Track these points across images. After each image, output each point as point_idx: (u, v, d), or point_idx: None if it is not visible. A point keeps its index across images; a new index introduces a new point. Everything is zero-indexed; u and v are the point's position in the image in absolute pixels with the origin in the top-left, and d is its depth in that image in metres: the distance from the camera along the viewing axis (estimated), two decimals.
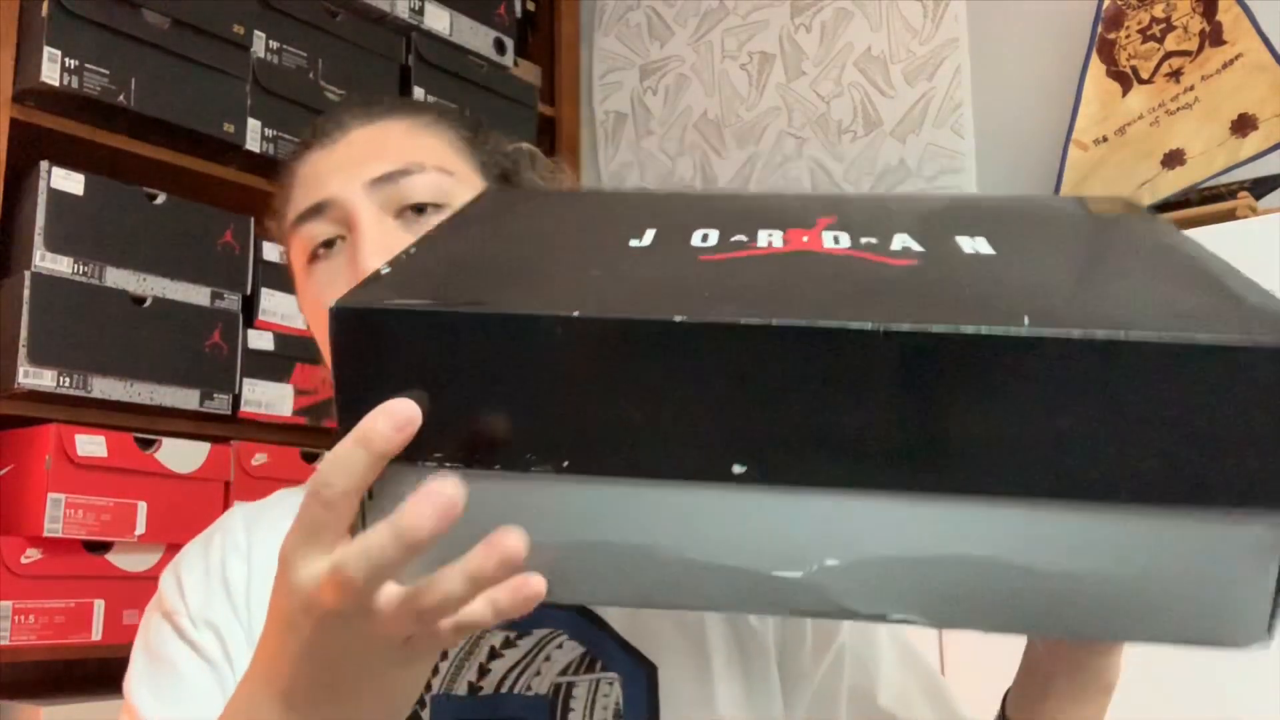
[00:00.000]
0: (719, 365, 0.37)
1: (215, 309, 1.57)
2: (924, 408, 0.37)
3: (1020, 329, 0.36)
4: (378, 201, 0.70)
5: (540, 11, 2.24)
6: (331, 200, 0.71)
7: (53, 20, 1.42)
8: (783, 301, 0.39)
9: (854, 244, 0.46)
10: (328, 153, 0.74)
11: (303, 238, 0.72)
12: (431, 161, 0.73)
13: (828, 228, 0.48)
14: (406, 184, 0.71)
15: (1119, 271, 0.45)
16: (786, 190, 0.52)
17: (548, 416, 0.39)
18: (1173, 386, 0.36)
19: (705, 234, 0.48)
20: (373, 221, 0.70)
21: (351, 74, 1.76)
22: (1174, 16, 1.42)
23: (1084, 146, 1.47)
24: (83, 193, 1.45)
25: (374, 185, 0.71)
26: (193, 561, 0.75)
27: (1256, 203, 1.30)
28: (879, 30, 1.85)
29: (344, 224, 0.71)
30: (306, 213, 0.72)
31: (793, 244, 0.46)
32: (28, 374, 1.36)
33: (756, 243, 0.46)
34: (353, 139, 0.74)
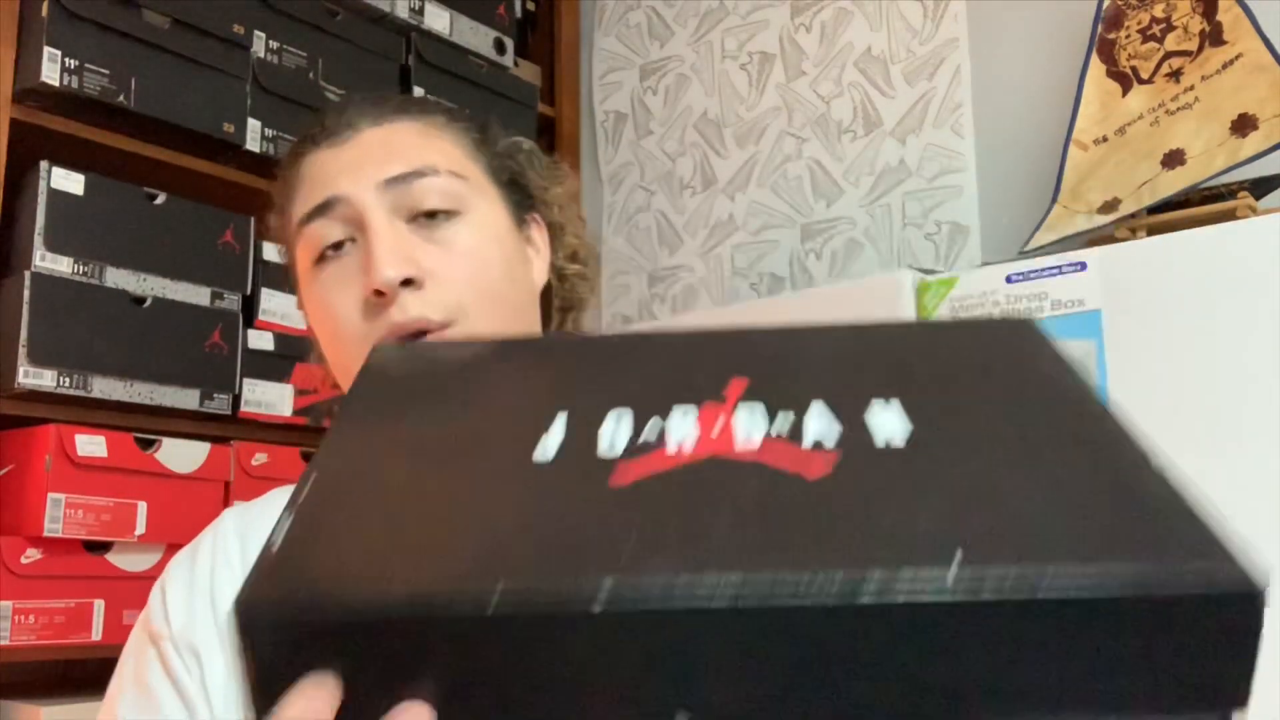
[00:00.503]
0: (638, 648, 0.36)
1: (215, 309, 1.57)
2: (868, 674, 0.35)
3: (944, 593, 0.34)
4: (389, 203, 0.69)
5: (540, 11, 2.24)
6: (342, 199, 0.70)
7: (53, 20, 1.42)
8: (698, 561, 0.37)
9: (768, 429, 0.43)
10: (337, 152, 0.72)
11: (310, 237, 0.71)
12: (445, 165, 0.71)
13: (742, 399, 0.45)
14: (420, 186, 0.70)
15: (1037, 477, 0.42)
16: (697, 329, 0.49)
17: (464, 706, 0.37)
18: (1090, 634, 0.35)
19: (616, 424, 0.44)
20: (385, 224, 0.68)
21: (351, 74, 1.76)
22: (1174, 16, 1.42)
23: (1084, 146, 1.47)
24: (83, 193, 1.45)
25: (387, 186, 0.69)
26: (178, 575, 0.74)
27: (1256, 203, 1.30)
28: (879, 30, 1.85)
29: (354, 225, 0.69)
30: (314, 211, 0.70)
31: (703, 443, 0.43)
32: (28, 374, 1.36)
33: (667, 443, 0.43)
34: (364, 139, 0.72)
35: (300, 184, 0.73)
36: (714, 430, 0.44)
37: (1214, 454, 1.11)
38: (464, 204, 0.71)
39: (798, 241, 1.88)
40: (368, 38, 1.80)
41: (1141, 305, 1.17)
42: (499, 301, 0.70)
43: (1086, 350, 1.20)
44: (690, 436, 0.43)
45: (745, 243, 1.94)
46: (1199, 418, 1.12)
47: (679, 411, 0.45)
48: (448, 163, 0.72)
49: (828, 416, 0.44)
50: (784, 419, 0.44)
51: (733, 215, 1.97)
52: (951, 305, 1.30)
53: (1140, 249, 1.25)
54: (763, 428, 0.43)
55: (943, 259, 1.72)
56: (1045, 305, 1.23)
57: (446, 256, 0.69)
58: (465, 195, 0.71)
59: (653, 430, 0.44)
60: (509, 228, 0.75)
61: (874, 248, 1.80)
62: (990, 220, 1.69)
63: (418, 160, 0.71)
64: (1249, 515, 1.13)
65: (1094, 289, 1.20)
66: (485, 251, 0.71)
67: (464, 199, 0.71)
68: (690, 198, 2.02)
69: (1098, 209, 1.42)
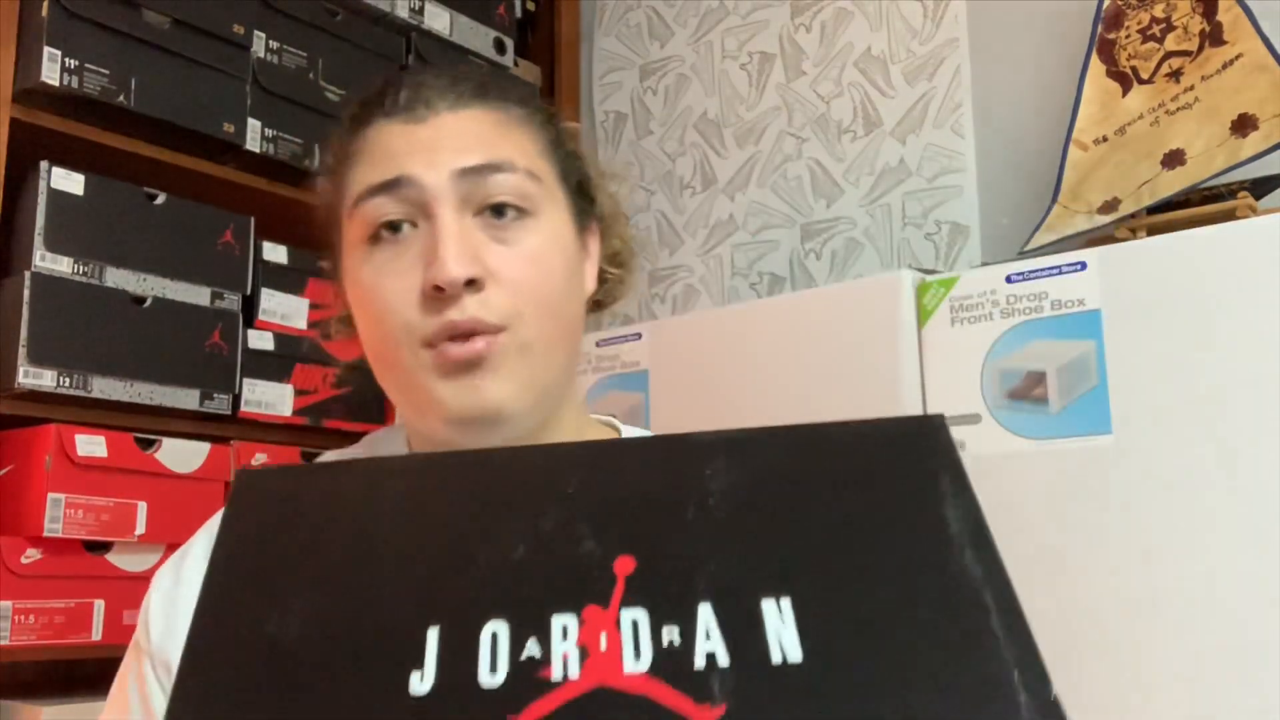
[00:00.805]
0: None
1: (215, 309, 1.57)
2: None
3: None
4: (461, 194, 0.66)
5: (540, 11, 2.24)
6: (412, 181, 0.66)
7: (53, 20, 1.42)
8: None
9: (655, 652, 0.42)
10: (410, 129, 0.69)
11: (368, 212, 0.67)
12: (522, 163, 0.69)
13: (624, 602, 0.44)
14: (495, 181, 0.67)
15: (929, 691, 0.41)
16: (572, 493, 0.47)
17: None
18: None
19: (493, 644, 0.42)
20: (454, 217, 0.66)
21: (351, 74, 1.76)
22: (1174, 16, 1.42)
23: (1084, 146, 1.47)
24: (83, 193, 1.45)
25: (461, 176, 0.66)
26: (161, 585, 0.73)
27: (1256, 203, 1.30)
28: (879, 30, 1.85)
29: (419, 210, 0.66)
30: (380, 187, 0.67)
31: (590, 666, 0.41)
32: (28, 374, 1.36)
33: (552, 665, 0.42)
34: (442, 121, 0.69)
35: (365, 154, 0.70)
36: (600, 645, 0.42)
37: (1214, 454, 1.11)
38: (535, 205, 0.69)
39: (798, 241, 1.88)
40: (368, 38, 1.80)
41: (1141, 305, 1.17)
42: (554, 313, 0.68)
43: (1086, 350, 1.20)
44: (574, 657, 0.42)
45: (745, 243, 1.94)
46: (1199, 417, 1.12)
47: (558, 623, 0.43)
48: (525, 160, 0.69)
49: (715, 631, 0.42)
50: (669, 636, 0.42)
51: (733, 215, 1.97)
52: (951, 305, 1.30)
53: (1140, 249, 1.25)
54: (648, 648, 0.42)
55: (943, 259, 1.72)
56: (1045, 305, 1.23)
57: (511, 259, 0.67)
58: (537, 197, 0.69)
59: (530, 655, 0.42)
60: (572, 236, 0.72)
61: (874, 248, 1.80)
62: (990, 220, 1.69)
63: (495, 153, 0.68)
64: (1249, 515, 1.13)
65: (1094, 289, 1.20)
66: (549, 259, 0.69)
67: (535, 200, 0.69)
68: (690, 198, 2.02)
69: (1098, 209, 1.42)
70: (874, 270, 1.78)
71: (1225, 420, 1.11)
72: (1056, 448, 1.20)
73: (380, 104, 0.70)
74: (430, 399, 0.66)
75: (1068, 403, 1.20)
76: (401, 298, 0.66)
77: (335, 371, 1.69)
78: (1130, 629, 1.13)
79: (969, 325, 1.28)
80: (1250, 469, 1.08)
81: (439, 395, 0.65)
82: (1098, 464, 1.17)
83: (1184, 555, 1.11)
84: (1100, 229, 1.41)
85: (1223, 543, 1.09)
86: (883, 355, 1.34)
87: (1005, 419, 1.24)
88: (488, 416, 0.65)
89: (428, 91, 0.70)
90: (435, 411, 0.66)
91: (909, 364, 1.32)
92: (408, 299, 0.66)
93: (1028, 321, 1.24)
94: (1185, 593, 1.10)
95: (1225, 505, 1.09)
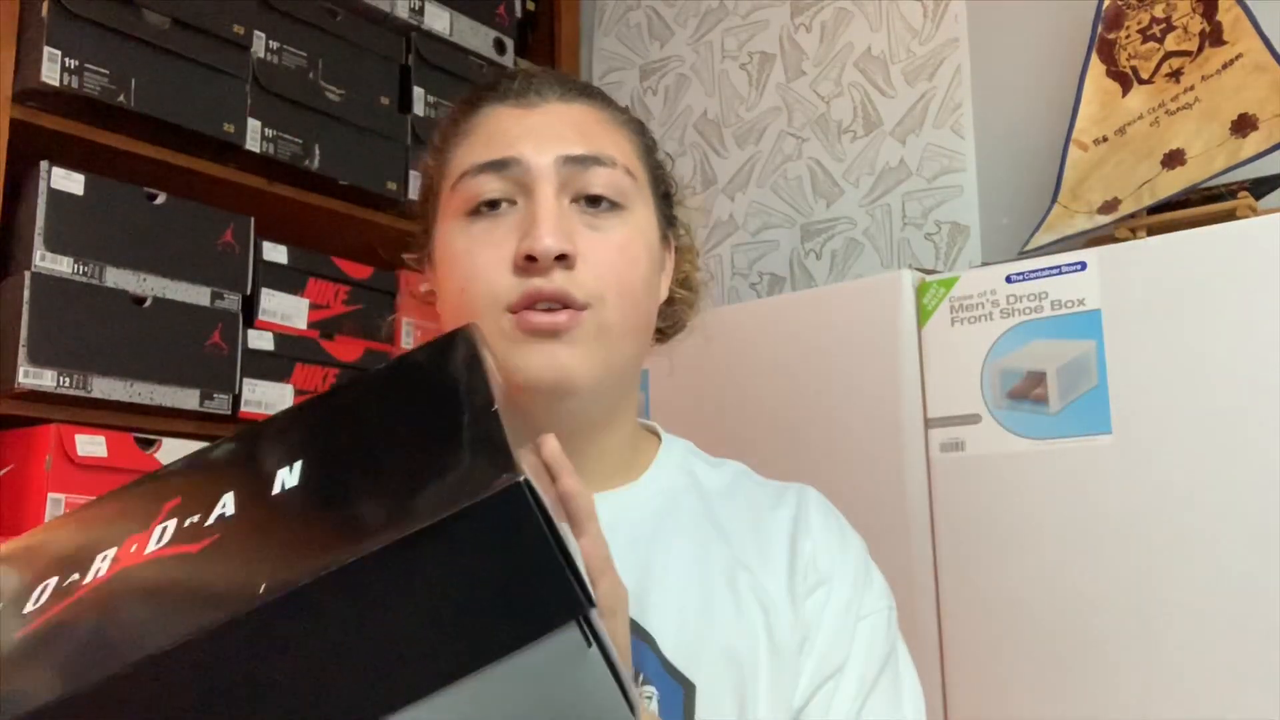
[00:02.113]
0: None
1: (215, 309, 1.57)
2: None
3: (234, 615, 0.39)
4: (562, 179, 0.71)
5: (540, 11, 2.24)
6: (520, 162, 0.71)
7: (53, 20, 1.42)
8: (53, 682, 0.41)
9: (178, 530, 0.48)
10: (521, 114, 0.74)
11: (471, 188, 0.72)
12: (621, 159, 0.73)
13: (165, 517, 0.50)
14: (594, 172, 0.71)
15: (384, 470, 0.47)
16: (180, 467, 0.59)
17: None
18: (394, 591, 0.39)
19: (45, 586, 0.49)
20: (553, 199, 0.70)
21: (351, 74, 1.76)
22: (1174, 16, 1.42)
23: (1084, 146, 1.47)
24: (83, 193, 1.45)
25: (566, 163, 0.71)
26: None
27: (1256, 203, 1.30)
28: (879, 30, 1.85)
29: (521, 189, 0.71)
30: (488, 165, 0.71)
31: (120, 562, 0.47)
32: (28, 374, 1.36)
33: (84, 579, 0.47)
34: (551, 109, 0.74)
35: (476, 132, 0.74)
36: (132, 546, 0.48)
37: (1214, 453, 1.11)
38: (628, 200, 0.73)
39: (798, 241, 1.88)
40: (368, 38, 1.80)
41: (1141, 305, 1.17)
42: (634, 303, 0.72)
43: (1086, 350, 1.20)
44: (105, 566, 0.48)
45: (745, 243, 1.94)
46: (1199, 417, 1.12)
47: (100, 558, 0.49)
48: (623, 157, 0.74)
49: (230, 498, 0.48)
50: (192, 517, 0.48)
51: (733, 215, 1.97)
52: (951, 305, 1.30)
53: (1140, 249, 1.25)
54: (171, 530, 0.48)
55: (943, 259, 1.72)
56: (1045, 305, 1.23)
57: (601, 244, 0.71)
58: (631, 193, 0.73)
59: (74, 577, 0.48)
60: (658, 237, 0.77)
61: (874, 248, 1.80)
62: (990, 220, 1.69)
63: (597, 146, 0.72)
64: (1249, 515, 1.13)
65: (1094, 289, 1.20)
66: (636, 251, 0.73)
67: (629, 195, 0.73)
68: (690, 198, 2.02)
69: (1098, 209, 1.42)
70: (874, 270, 1.78)
71: (1225, 420, 1.11)
72: (1056, 448, 1.20)
73: (494, 89, 0.76)
74: (506, 362, 0.69)
75: (1068, 403, 1.20)
76: (493, 265, 0.70)
77: (335, 372, 1.69)
78: (1130, 628, 1.13)
79: (969, 325, 1.28)
80: (1250, 469, 1.08)
81: (516, 360, 0.69)
82: (1098, 464, 1.17)
83: (1184, 555, 1.11)
84: (1100, 229, 1.41)
85: (1222, 542, 1.09)
86: (883, 355, 1.34)
87: (1005, 419, 1.24)
88: (562, 384, 0.69)
89: (539, 82, 0.75)
90: (512, 376, 0.69)
91: (909, 364, 1.32)
92: (499, 268, 0.70)
93: (1028, 321, 1.24)
94: (1185, 592, 1.10)
95: (1225, 505, 1.09)
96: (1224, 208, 1.28)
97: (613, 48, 2.19)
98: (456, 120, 0.77)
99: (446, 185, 0.75)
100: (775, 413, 1.43)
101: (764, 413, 1.44)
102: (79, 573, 0.48)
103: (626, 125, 0.77)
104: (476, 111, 0.75)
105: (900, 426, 1.31)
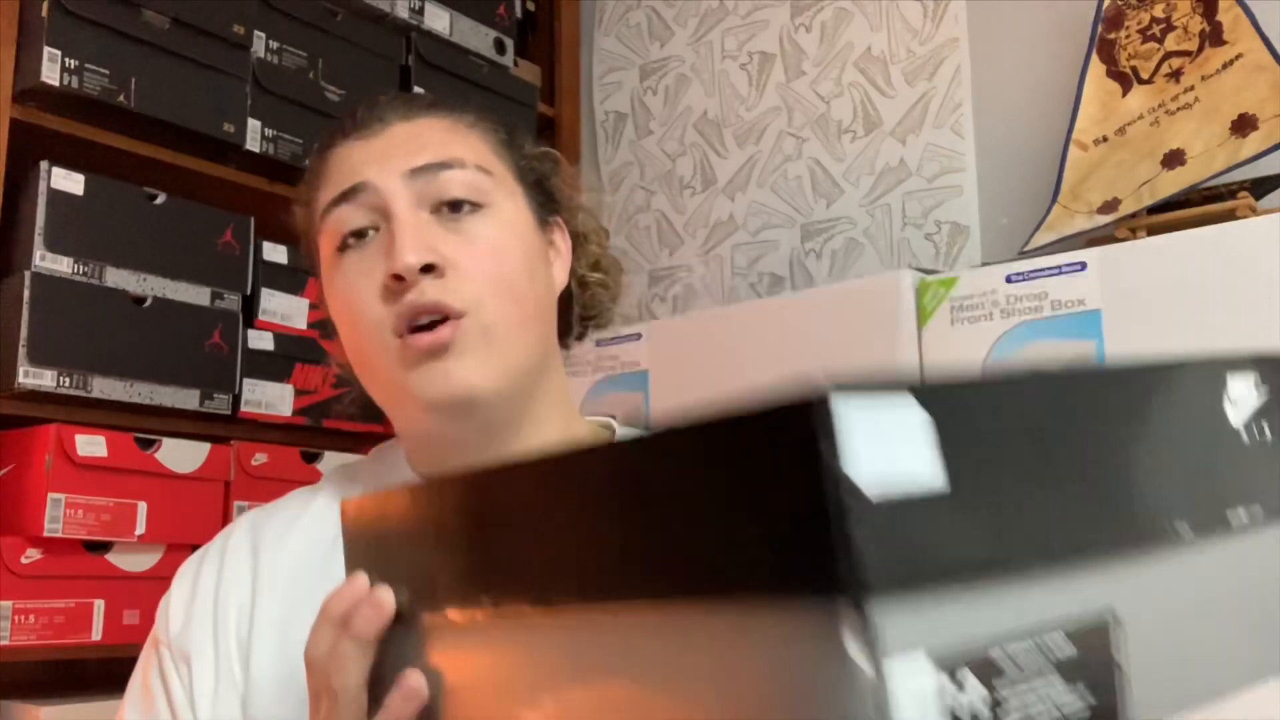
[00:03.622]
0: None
1: (215, 309, 1.57)
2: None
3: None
4: (414, 192, 0.70)
5: (540, 11, 2.24)
6: (366, 185, 0.70)
7: (53, 20, 1.42)
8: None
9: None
10: (365, 143, 0.73)
11: (333, 224, 0.71)
12: (472, 159, 0.72)
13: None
14: (445, 178, 0.70)
15: None
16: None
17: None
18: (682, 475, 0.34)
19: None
20: (409, 212, 0.69)
21: (351, 74, 1.76)
22: (1174, 16, 1.42)
23: (1084, 146, 1.47)
24: (83, 193, 1.45)
25: (412, 175, 0.70)
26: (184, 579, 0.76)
27: (1256, 203, 1.30)
28: (879, 30, 1.85)
29: (378, 213, 0.70)
30: (339, 198, 0.71)
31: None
32: (28, 374, 1.36)
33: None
34: (393, 132, 0.73)
35: (327, 174, 0.74)
36: None
37: None
38: (488, 198, 0.72)
39: (798, 241, 1.88)
40: (368, 38, 1.80)
41: (1141, 305, 1.17)
42: (517, 297, 0.71)
43: (1086, 350, 1.20)
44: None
45: (745, 243, 1.94)
46: None
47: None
48: (475, 157, 0.73)
49: None
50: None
51: (733, 215, 1.97)
52: (951, 305, 1.30)
53: (1140, 249, 1.25)
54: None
55: (943, 259, 1.72)
56: (1045, 305, 1.23)
57: (468, 248, 0.69)
58: (489, 190, 0.72)
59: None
60: (531, 226, 0.75)
61: (874, 248, 1.80)
62: (990, 220, 1.69)
63: (444, 153, 0.71)
64: None
65: (1094, 289, 1.20)
66: (506, 246, 0.72)
67: (488, 193, 0.72)
68: (690, 198, 2.02)
69: (1098, 209, 1.42)
70: (874, 270, 1.78)
71: None
72: None
73: (342, 130, 0.75)
74: (404, 389, 0.69)
75: None
76: (369, 293, 0.69)
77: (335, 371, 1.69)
78: None
79: (969, 325, 1.28)
80: None
81: (410, 384, 0.68)
82: None
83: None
84: (1100, 229, 1.41)
85: None
86: (883, 355, 1.34)
87: None
88: (459, 399, 0.68)
89: (381, 109, 0.74)
90: (411, 401, 0.69)
91: (909, 364, 1.32)
92: (374, 293, 0.69)
93: (1028, 321, 1.24)
94: None
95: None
96: (1224, 208, 1.28)
97: (613, 48, 2.19)
98: (314, 168, 0.76)
99: (316, 229, 0.74)
100: None
101: None
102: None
103: (476, 126, 0.76)
104: (329, 153, 0.75)
105: None
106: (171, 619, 0.74)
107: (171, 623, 0.73)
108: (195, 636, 0.72)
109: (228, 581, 0.73)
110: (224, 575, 0.74)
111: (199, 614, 0.73)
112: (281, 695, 0.67)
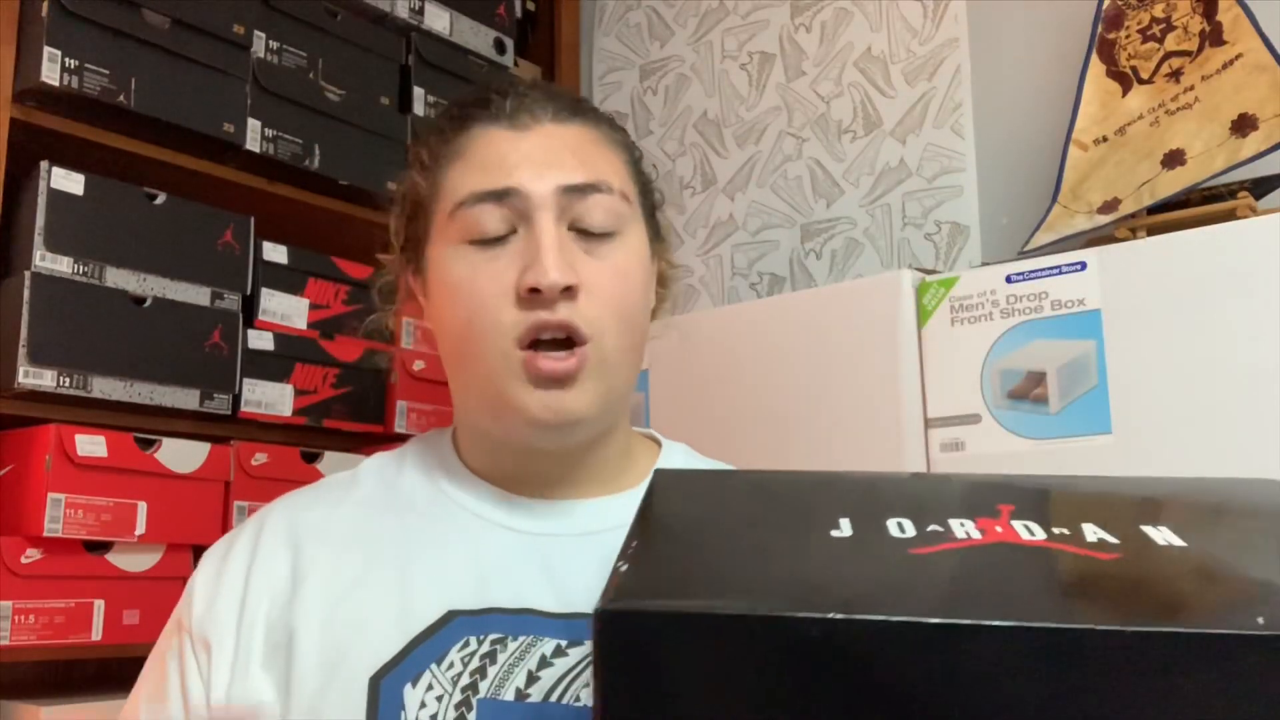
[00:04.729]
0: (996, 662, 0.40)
1: (215, 309, 1.57)
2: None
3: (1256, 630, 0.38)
4: (561, 206, 0.71)
5: (540, 11, 2.24)
6: (520, 193, 0.70)
7: (53, 20, 1.42)
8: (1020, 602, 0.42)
9: (1047, 534, 0.48)
10: (515, 137, 0.73)
11: (473, 218, 0.71)
12: (617, 184, 0.73)
13: (1013, 516, 0.50)
14: (593, 201, 0.71)
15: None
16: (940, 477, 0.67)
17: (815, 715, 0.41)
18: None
19: (900, 523, 0.50)
20: (553, 229, 0.70)
21: (351, 74, 1.76)
22: (1174, 16, 1.42)
23: (1084, 146, 1.47)
24: (83, 193, 1.45)
25: (565, 192, 0.71)
26: (209, 565, 0.76)
27: (1256, 203, 1.30)
28: (879, 30, 1.85)
29: (521, 218, 0.70)
30: (487, 195, 0.71)
31: (990, 535, 0.48)
32: (28, 374, 1.36)
33: (954, 533, 0.48)
34: (546, 132, 0.73)
35: (469, 155, 0.73)
36: (996, 528, 0.49)
37: (1214, 454, 1.11)
38: (623, 225, 0.73)
39: (798, 241, 1.88)
40: (368, 38, 1.80)
41: (1141, 305, 1.17)
42: (632, 326, 0.73)
43: (1086, 350, 1.20)
44: (974, 532, 0.48)
45: (745, 243, 1.94)
46: (1199, 418, 1.12)
47: (956, 521, 0.50)
48: (619, 182, 0.74)
49: (1102, 531, 0.48)
50: (1059, 530, 0.48)
51: (733, 215, 1.97)
52: (951, 305, 1.30)
53: (1140, 249, 1.25)
54: (1041, 533, 0.48)
55: (943, 259, 1.72)
56: (1045, 305, 1.23)
57: (602, 271, 0.71)
58: (626, 217, 0.74)
59: (935, 528, 0.49)
60: (648, 256, 0.77)
61: (874, 248, 1.80)
62: (990, 220, 1.69)
63: (595, 173, 0.72)
64: None
65: (1094, 289, 1.20)
66: (632, 274, 0.74)
67: (625, 221, 0.73)
68: (690, 198, 2.03)
69: (1098, 209, 1.42)
70: (874, 270, 1.78)
71: (1225, 420, 1.11)
72: (1056, 448, 1.20)
73: (485, 107, 0.74)
74: (515, 403, 0.70)
75: (1068, 403, 1.20)
76: (496, 296, 0.70)
77: (335, 371, 1.69)
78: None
79: (969, 325, 1.28)
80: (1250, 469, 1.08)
81: (525, 401, 0.70)
82: (1098, 464, 1.17)
83: None
84: (1100, 229, 1.41)
85: None
86: (883, 355, 1.34)
87: (1005, 419, 1.24)
88: (564, 426, 0.70)
89: (530, 101, 0.74)
90: (519, 414, 0.70)
91: (909, 364, 1.32)
92: (502, 296, 0.69)
93: (1028, 321, 1.24)
94: None
95: None
96: (1224, 208, 1.28)
97: (613, 48, 2.19)
98: (447, 138, 0.75)
99: (441, 209, 0.74)
100: (775, 413, 1.43)
101: (764, 413, 1.44)
102: (937, 524, 0.49)
103: (616, 143, 0.77)
104: (467, 131, 0.74)
105: (900, 426, 1.31)
106: (195, 604, 0.74)
107: (195, 607, 0.73)
108: (218, 623, 0.72)
109: (260, 573, 0.73)
110: (256, 566, 0.73)
111: (224, 602, 0.72)
112: (325, 683, 0.67)
